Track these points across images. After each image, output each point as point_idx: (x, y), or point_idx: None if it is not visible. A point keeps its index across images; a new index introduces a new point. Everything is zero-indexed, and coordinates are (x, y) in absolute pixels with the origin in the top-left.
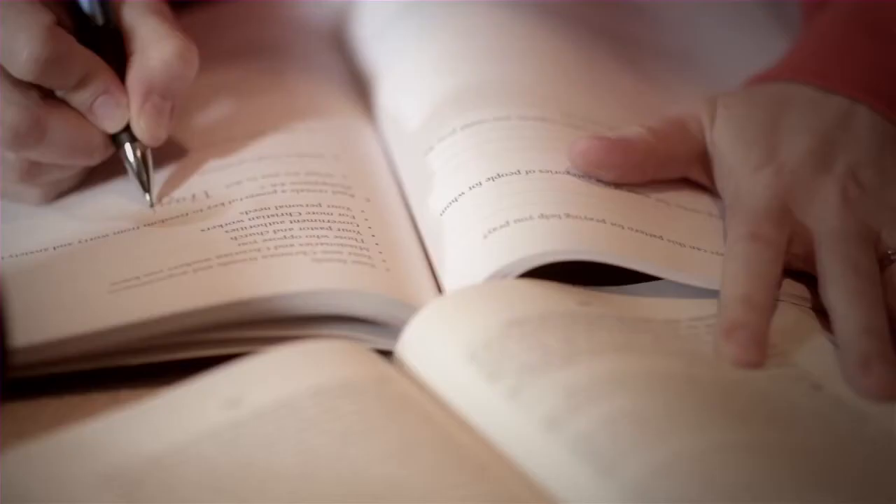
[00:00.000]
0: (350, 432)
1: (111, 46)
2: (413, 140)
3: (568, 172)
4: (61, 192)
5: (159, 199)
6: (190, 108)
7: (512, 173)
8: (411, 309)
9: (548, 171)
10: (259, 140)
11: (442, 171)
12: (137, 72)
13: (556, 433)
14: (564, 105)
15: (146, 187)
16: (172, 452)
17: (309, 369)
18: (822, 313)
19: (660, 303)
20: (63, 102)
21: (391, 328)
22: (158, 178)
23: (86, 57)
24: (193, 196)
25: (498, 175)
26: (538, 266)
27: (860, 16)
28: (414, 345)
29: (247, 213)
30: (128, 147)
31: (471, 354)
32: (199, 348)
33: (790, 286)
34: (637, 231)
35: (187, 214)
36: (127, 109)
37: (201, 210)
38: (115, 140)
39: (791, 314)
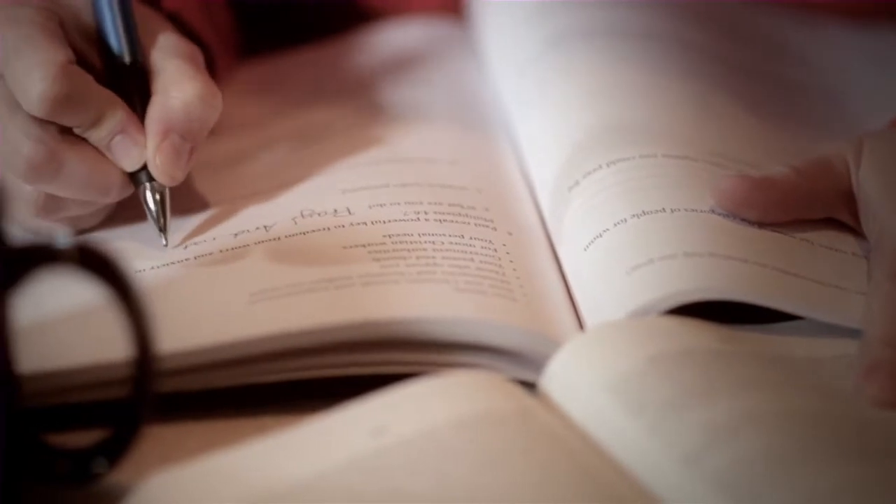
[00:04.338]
0: (491, 463)
1: (137, 86)
2: (558, 175)
3: (713, 211)
4: (81, 230)
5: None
6: (336, 128)
7: (657, 211)
8: (551, 343)
9: (693, 210)
10: (403, 167)
11: (586, 207)
12: (156, 111)
13: (694, 469)
14: (710, 144)
15: (161, 228)
16: (317, 480)
17: (451, 399)
18: None
19: (800, 341)
20: (82, 139)
21: (530, 360)
22: (303, 190)
23: (102, 96)
24: (335, 211)
25: (643, 212)
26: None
27: None
28: (557, 378)
29: (390, 236)
30: (145, 187)
31: (613, 389)
32: (339, 368)
33: None
34: (779, 270)
35: (328, 229)
36: (144, 149)
37: (343, 226)
38: (134, 179)
39: None
